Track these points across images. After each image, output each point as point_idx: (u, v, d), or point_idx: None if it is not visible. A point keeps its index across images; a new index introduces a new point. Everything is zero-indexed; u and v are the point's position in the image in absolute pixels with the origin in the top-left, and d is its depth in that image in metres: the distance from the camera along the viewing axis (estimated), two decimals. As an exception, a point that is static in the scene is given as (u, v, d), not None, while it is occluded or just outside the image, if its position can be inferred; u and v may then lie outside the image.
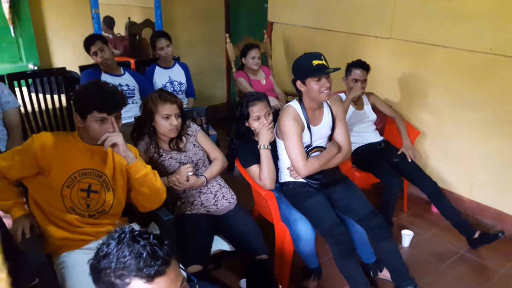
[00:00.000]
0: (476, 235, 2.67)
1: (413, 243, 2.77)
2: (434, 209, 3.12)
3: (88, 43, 3.04)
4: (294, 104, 2.23)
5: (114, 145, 1.71)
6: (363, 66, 2.89)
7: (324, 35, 3.77)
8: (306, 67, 2.09)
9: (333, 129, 2.31)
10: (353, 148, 2.78)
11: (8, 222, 2.47)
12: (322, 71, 2.07)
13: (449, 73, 2.99)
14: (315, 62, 2.07)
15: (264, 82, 3.64)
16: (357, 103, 2.99)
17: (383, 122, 3.27)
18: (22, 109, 3.01)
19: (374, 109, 3.06)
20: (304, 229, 2.18)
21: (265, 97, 2.30)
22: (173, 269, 0.96)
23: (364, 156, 2.92)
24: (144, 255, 0.92)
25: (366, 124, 3.02)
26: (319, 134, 2.27)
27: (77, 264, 1.65)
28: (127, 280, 0.92)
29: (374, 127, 3.08)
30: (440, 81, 3.06)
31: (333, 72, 2.09)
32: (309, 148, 2.24)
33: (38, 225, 1.76)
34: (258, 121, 2.23)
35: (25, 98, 3.07)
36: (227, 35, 4.04)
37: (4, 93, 2.57)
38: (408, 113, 3.27)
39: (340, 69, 2.14)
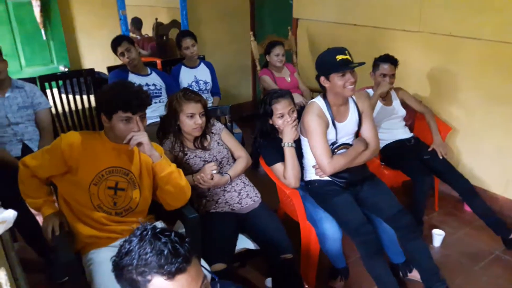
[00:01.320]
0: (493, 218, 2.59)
1: (445, 243, 2.69)
2: (467, 208, 3.02)
3: (115, 44, 3.10)
4: (318, 100, 2.19)
5: (139, 144, 1.73)
6: (391, 60, 2.82)
7: (350, 30, 3.71)
8: (330, 62, 2.04)
9: (359, 125, 2.26)
10: (381, 145, 2.72)
11: (41, 220, 2.56)
12: (346, 66, 2.01)
13: (480, 66, 2.88)
14: (339, 57, 2.01)
15: (289, 79, 3.61)
16: (385, 98, 2.92)
17: (412, 118, 3.18)
18: (53, 109, 3.10)
19: (403, 104, 2.98)
20: (330, 228, 2.15)
21: (289, 94, 2.27)
22: (194, 267, 0.96)
23: (393, 153, 2.85)
24: (165, 252, 0.92)
25: (395, 120, 2.94)
26: (345, 130, 2.22)
27: (104, 262, 1.68)
28: (149, 277, 0.92)
29: (404, 123, 3.00)
30: (471, 75, 2.95)
31: (358, 67, 2.03)
32: (335, 146, 2.20)
33: (67, 223, 1.80)
34: (282, 118, 2.20)
35: (56, 99, 3.15)
36: (251, 33, 4.03)
37: (36, 95, 2.66)
38: (438, 108, 3.18)
39: (365, 63, 2.08)
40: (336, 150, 2.20)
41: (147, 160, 1.87)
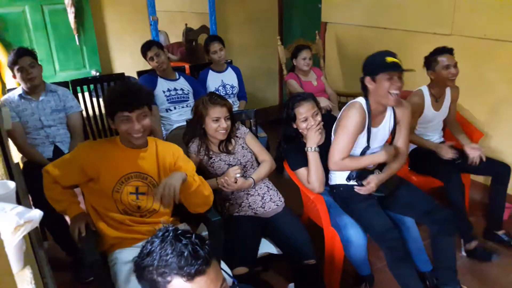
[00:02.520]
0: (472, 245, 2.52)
1: (475, 252, 2.59)
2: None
3: (145, 48, 3.17)
4: (361, 100, 2.12)
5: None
6: (447, 50, 2.57)
7: (379, 33, 3.65)
8: (379, 62, 1.99)
9: (393, 133, 2.20)
10: (410, 149, 2.65)
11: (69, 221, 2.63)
12: (396, 67, 1.96)
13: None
14: (389, 59, 1.96)
15: (315, 83, 3.58)
16: (439, 99, 2.72)
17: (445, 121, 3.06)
18: (84, 113, 3.19)
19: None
20: (355, 234, 2.11)
21: (312, 96, 2.25)
22: (213, 269, 0.97)
23: (422, 159, 2.76)
24: (185, 254, 0.93)
25: (436, 123, 2.79)
26: (377, 136, 2.17)
27: (128, 261, 1.71)
28: (169, 278, 0.94)
29: (442, 126, 2.85)
30: (505, 79, 2.84)
31: (406, 71, 1.96)
32: (367, 154, 2.16)
33: (93, 223, 1.84)
34: (306, 122, 2.18)
35: (87, 103, 3.24)
36: (279, 37, 4.03)
37: (68, 98, 2.74)
38: (470, 113, 3.08)
39: (415, 70, 2.00)
40: None
41: (164, 160, 1.88)
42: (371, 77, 2.03)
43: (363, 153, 2.18)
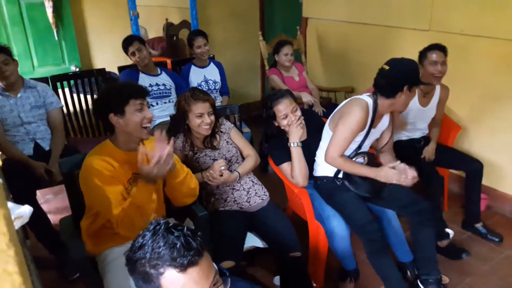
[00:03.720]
0: (444, 243, 2.58)
1: (453, 242, 2.67)
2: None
3: (127, 43, 3.13)
4: (368, 100, 2.10)
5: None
6: (439, 47, 2.59)
7: (360, 29, 3.70)
8: (415, 75, 2.03)
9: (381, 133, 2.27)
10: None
11: (52, 218, 2.60)
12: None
13: (492, 65, 2.85)
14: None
15: (297, 78, 3.61)
16: (427, 95, 2.75)
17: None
18: (64, 109, 3.14)
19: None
20: (338, 225, 2.15)
21: (289, 93, 2.28)
22: (206, 261, 0.99)
23: (402, 153, 2.80)
24: (178, 245, 0.95)
25: (424, 121, 2.83)
26: (373, 136, 2.23)
27: (118, 257, 1.69)
28: (161, 270, 0.95)
29: (428, 121, 2.89)
30: (483, 74, 2.93)
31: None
32: (356, 153, 2.20)
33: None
34: (286, 118, 2.21)
35: (67, 99, 3.19)
36: (260, 33, 4.04)
37: (48, 94, 2.69)
38: (448, 107, 3.15)
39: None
40: (354, 158, 2.19)
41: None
42: (409, 86, 2.01)
43: (352, 151, 2.20)
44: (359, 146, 2.19)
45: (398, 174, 2.00)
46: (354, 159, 2.19)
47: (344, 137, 2.09)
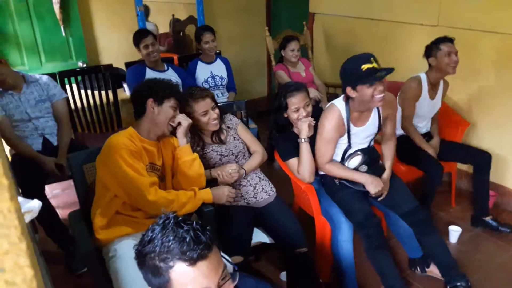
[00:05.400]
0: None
1: (461, 239, 2.66)
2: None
3: (140, 36, 3.11)
4: (340, 104, 2.08)
5: (179, 124, 1.91)
6: (448, 39, 2.59)
7: (367, 24, 3.68)
8: (355, 73, 1.90)
9: (380, 128, 2.22)
10: (397, 134, 2.70)
11: (61, 213, 2.62)
12: (373, 77, 1.86)
13: (501, 60, 2.83)
14: (365, 67, 1.87)
15: (304, 74, 3.60)
16: (434, 88, 2.74)
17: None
18: (72, 105, 3.16)
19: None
20: (345, 222, 2.15)
21: (304, 87, 2.26)
22: (215, 255, 0.99)
23: (406, 148, 2.79)
24: (187, 239, 0.95)
25: (428, 110, 2.81)
26: (363, 135, 2.16)
27: (126, 252, 1.70)
28: (171, 263, 0.95)
29: (433, 115, 2.90)
30: (491, 69, 2.90)
31: (386, 75, 1.89)
32: (348, 154, 2.18)
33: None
34: (297, 112, 2.20)
35: (75, 94, 3.20)
36: (267, 28, 4.03)
37: (50, 87, 2.65)
38: (457, 103, 3.13)
39: (393, 70, 1.90)
40: (349, 158, 2.18)
41: (167, 151, 1.95)
42: (352, 87, 1.96)
43: (344, 152, 2.19)
44: (349, 146, 2.16)
45: (386, 185, 2.13)
46: (350, 159, 2.17)
47: (324, 147, 2.13)
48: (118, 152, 1.72)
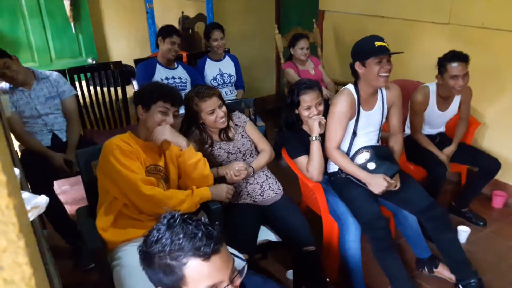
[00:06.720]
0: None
1: (470, 240, 2.63)
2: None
3: (167, 32, 3.14)
4: (350, 87, 2.18)
5: (164, 141, 1.80)
6: (460, 57, 2.46)
7: (377, 22, 3.65)
8: (368, 47, 2.03)
9: (385, 117, 2.25)
10: (405, 135, 2.68)
11: (69, 208, 2.64)
12: (385, 51, 2.00)
13: (514, 59, 2.78)
14: (378, 43, 2.01)
15: (313, 72, 3.58)
16: (447, 100, 2.68)
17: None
18: (81, 101, 3.17)
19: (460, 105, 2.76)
20: (353, 222, 2.13)
21: (318, 85, 2.25)
22: (225, 249, 1.00)
23: (413, 148, 2.76)
24: (199, 235, 0.96)
25: (437, 121, 2.79)
26: (369, 120, 2.19)
27: (132, 259, 1.68)
28: (184, 260, 0.95)
29: (445, 123, 2.87)
30: (504, 68, 2.86)
31: (395, 54, 2.01)
32: (355, 151, 2.18)
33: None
34: (309, 110, 2.19)
35: (84, 91, 3.22)
36: (276, 26, 4.01)
37: (60, 83, 2.67)
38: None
39: (403, 52, 2.06)
40: (356, 155, 2.17)
41: (171, 152, 1.92)
42: (361, 62, 2.07)
43: (350, 143, 2.20)
44: (354, 132, 2.18)
45: (389, 185, 2.08)
46: (358, 155, 2.17)
47: (334, 128, 2.13)
48: (111, 152, 1.72)
